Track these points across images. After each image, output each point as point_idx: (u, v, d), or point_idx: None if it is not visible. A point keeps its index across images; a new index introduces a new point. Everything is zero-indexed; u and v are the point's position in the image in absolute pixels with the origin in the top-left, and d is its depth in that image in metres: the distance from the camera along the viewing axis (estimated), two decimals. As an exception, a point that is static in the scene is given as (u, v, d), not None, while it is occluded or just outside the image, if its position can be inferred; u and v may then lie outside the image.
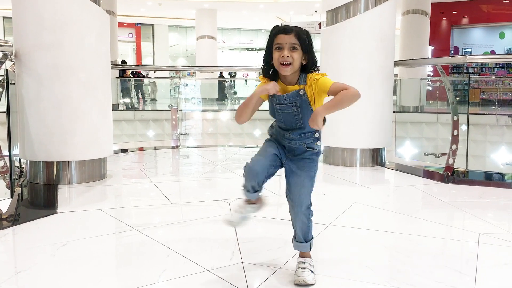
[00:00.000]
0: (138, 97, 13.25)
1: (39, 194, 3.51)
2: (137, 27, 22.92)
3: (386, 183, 4.14)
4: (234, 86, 16.11)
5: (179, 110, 6.72)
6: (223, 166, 4.68)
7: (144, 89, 14.41)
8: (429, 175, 4.18)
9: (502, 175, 4.60)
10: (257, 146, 6.38)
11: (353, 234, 2.46)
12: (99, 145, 3.75)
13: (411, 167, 4.67)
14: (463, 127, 4.51)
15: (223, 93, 15.55)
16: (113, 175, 4.00)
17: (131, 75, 15.08)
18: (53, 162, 3.57)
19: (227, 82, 15.82)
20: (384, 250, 2.28)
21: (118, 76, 12.56)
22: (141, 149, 5.90)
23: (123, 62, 15.37)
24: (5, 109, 3.53)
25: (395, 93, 5.97)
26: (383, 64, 4.45)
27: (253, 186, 1.73)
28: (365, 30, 4.37)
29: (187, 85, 10.33)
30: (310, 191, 1.77)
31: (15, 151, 3.72)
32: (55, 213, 2.80)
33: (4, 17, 19.66)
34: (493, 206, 3.23)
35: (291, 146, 1.77)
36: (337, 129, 4.53)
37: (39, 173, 3.61)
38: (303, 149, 1.77)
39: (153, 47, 23.67)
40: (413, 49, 11.55)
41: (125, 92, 11.91)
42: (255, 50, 25.21)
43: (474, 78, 15.86)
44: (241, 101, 2.18)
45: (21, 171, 3.94)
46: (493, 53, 18.02)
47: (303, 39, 1.69)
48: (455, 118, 4.18)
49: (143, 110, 11.48)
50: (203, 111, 9.79)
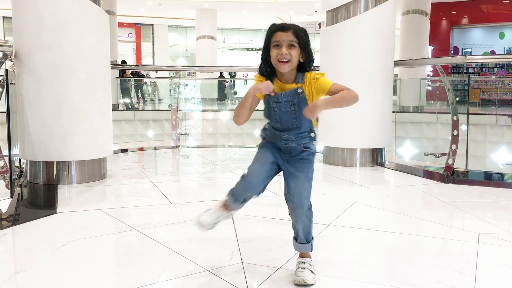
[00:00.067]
0: (138, 97, 13.26)
1: (39, 194, 3.51)
2: (137, 27, 22.94)
3: (386, 183, 4.14)
4: (234, 86, 16.11)
5: (179, 110, 6.71)
6: (223, 166, 4.68)
7: (144, 89, 14.41)
8: (429, 175, 4.18)
9: (502, 175, 4.60)
10: (257, 146, 6.36)
11: (353, 234, 2.46)
12: (99, 145, 3.75)
13: (411, 167, 4.67)
14: (463, 127, 4.51)
15: (223, 93, 15.56)
16: (113, 175, 4.00)
17: (131, 75, 15.09)
18: (53, 162, 3.57)
19: (227, 82, 15.83)
20: (384, 250, 2.28)
21: (118, 76, 12.57)
22: (141, 149, 5.90)
23: (123, 62, 15.38)
24: (5, 109, 3.53)
25: (395, 93, 5.98)
26: (383, 64, 4.45)
27: (246, 198, 1.74)
28: (365, 30, 4.37)
29: (187, 85, 10.33)
30: (309, 192, 1.77)
31: (15, 151, 3.71)
32: (55, 213, 2.80)
33: (4, 17, 19.67)
34: (493, 206, 3.23)
35: (288, 147, 1.76)
36: (337, 129, 4.53)
37: (39, 173, 3.61)
38: (300, 150, 1.76)
39: (153, 47, 23.68)
40: (413, 49, 11.56)
41: (125, 92, 11.92)
42: (255, 50, 25.22)
43: (474, 78, 15.87)
44: (241, 101, 2.17)
45: (21, 171, 3.94)
46: (493, 53, 18.03)
47: (301, 36, 1.69)
48: (455, 118, 4.18)
49: (143, 110, 11.49)
50: (203, 111, 9.79)
